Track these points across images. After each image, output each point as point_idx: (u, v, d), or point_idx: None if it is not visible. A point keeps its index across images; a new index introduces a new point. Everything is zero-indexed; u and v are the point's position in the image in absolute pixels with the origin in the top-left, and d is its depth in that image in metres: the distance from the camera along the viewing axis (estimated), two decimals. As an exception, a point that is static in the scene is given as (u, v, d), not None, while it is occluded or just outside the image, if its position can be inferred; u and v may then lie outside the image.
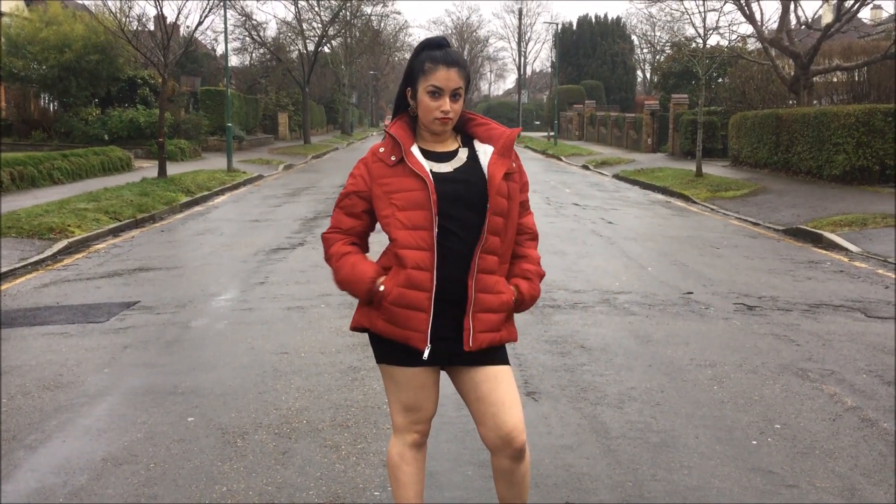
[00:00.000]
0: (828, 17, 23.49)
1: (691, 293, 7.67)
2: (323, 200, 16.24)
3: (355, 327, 2.76)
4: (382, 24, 53.74)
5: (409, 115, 2.70)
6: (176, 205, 14.91)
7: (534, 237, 2.82)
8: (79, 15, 26.57)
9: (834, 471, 3.83)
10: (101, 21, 22.29)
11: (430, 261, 2.57)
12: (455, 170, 2.65)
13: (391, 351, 2.70)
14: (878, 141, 15.95)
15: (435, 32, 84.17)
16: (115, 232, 11.95)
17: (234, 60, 45.67)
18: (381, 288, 2.63)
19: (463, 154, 2.69)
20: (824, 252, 10.36)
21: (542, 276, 2.80)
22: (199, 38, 35.09)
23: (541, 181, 21.28)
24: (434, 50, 2.62)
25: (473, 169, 2.65)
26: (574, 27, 64.18)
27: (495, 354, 2.72)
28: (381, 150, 2.68)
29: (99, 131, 25.60)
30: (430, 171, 2.61)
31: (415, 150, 2.65)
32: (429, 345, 2.61)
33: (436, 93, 2.57)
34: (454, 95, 2.59)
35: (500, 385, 2.69)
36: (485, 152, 2.68)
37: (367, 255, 2.78)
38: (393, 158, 2.64)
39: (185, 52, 23.99)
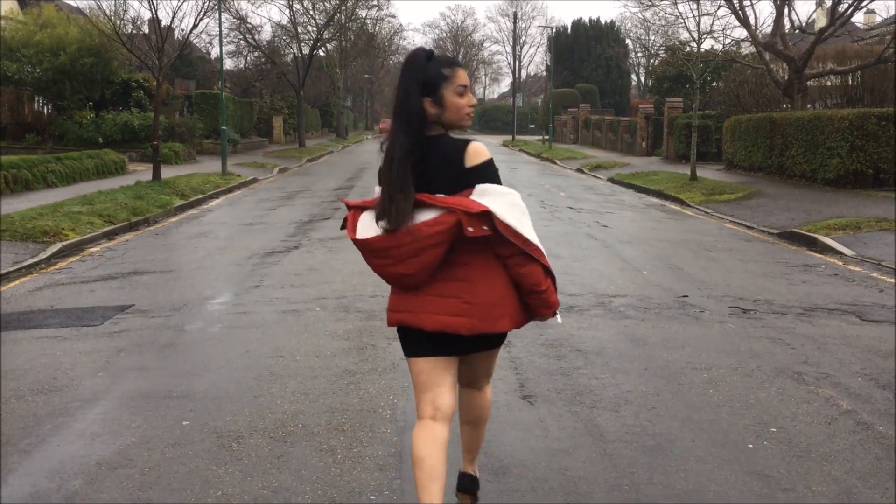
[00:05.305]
0: (822, 22, 23.52)
1: (686, 296, 7.67)
2: (318, 204, 16.22)
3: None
4: (377, 28, 53.81)
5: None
6: (170, 208, 14.88)
7: None
8: (73, 18, 26.52)
9: (830, 474, 3.83)
10: (95, 24, 22.28)
11: None
12: None
13: None
14: (872, 145, 16.01)
15: (430, 36, 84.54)
16: (109, 235, 11.92)
17: (228, 64, 45.68)
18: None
19: None
20: (819, 255, 10.38)
21: None
22: (194, 42, 35.09)
23: (535, 185, 21.31)
24: (434, 58, 2.85)
25: None
26: (569, 31, 64.35)
27: None
28: None
29: (93, 134, 25.53)
30: None
31: None
32: None
33: (463, 91, 2.86)
34: None
35: None
36: None
37: None
38: None
39: (180, 55, 23.93)
